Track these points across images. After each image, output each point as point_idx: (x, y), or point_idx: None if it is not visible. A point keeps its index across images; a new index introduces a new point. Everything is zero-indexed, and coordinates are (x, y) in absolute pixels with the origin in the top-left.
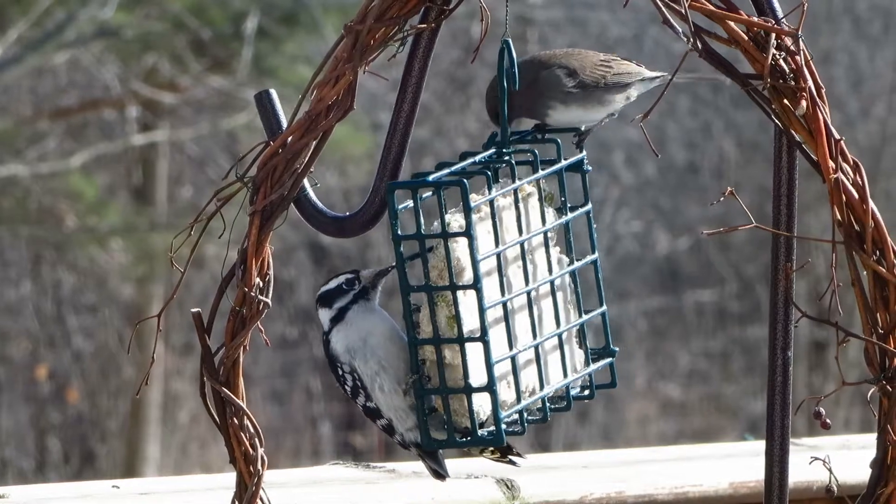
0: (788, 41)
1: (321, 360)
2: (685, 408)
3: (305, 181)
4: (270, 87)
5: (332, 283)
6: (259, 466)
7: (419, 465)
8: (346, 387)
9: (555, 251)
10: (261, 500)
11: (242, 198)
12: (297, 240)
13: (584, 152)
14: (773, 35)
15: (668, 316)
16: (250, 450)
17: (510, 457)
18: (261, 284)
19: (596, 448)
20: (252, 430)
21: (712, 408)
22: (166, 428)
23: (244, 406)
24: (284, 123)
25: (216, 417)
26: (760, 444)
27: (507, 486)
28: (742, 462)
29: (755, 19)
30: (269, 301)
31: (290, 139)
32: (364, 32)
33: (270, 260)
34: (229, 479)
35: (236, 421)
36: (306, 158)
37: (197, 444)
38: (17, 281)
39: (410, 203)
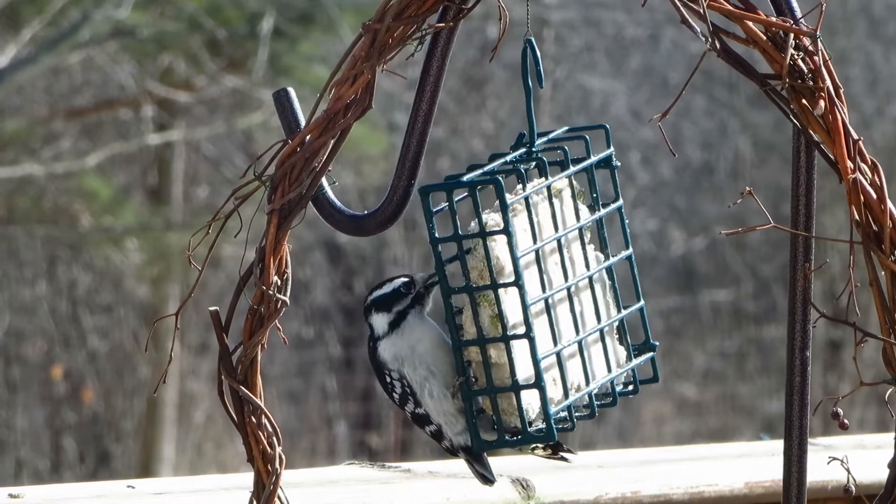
0: (807, 41)
1: (337, 360)
2: (701, 407)
3: (323, 180)
4: (286, 86)
5: (388, 288)
6: (277, 465)
7: (434, 465)
8: (395, 394)
9: (590, 248)
10: (279, 499)
11: (260, 197)
12: (312, 239)
13: (612, 148)
14: (792, 35)
15: (684, 315)
16: (268, 448)
17: (561, 454)
18: (279, 283)
19: (611, 448)
20: (270, 428)
21: (728, 407)
22: (181, 428)
23: (262, 405)
24: (303, 122)
25: (234, 416)
26: (776, 444)
27: (523, 486)
28: (758, 462)
29: (774, 19)
30: (286, 299)
31: (308, 137)
32: (382, 31)
33: (288, 258)
34: (245, 478)
35: (254, 419)
36: (324, 157)
37: (212, 443)
38: (33, 281)
39: (442, 205)
